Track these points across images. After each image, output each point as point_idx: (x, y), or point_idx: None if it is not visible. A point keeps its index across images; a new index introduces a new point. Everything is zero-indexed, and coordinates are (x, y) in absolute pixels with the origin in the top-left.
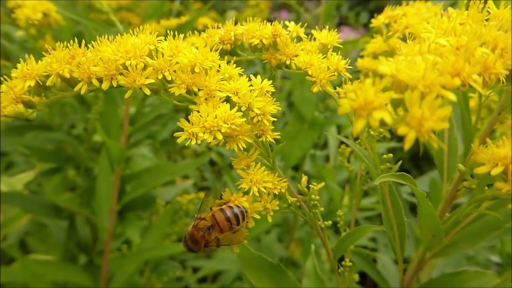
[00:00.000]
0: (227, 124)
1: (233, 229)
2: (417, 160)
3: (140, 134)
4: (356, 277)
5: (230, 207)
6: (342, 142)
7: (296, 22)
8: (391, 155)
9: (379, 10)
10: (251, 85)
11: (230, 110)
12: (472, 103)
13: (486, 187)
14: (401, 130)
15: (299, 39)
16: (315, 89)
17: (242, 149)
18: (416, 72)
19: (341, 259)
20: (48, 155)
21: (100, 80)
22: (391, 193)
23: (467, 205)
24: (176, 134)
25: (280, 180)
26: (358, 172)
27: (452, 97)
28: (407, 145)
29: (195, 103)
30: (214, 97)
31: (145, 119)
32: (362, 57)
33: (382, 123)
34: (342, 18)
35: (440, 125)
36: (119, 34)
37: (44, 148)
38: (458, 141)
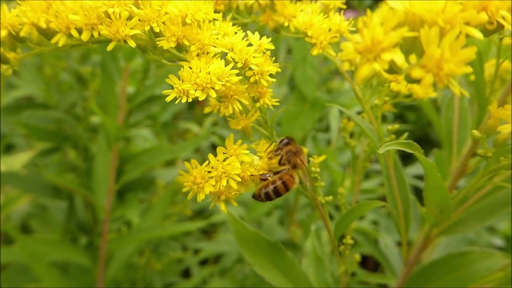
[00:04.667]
0: (222, 81)
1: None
2: (419, 144)
3: (140, 114)
4: (358, 257)
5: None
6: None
7: None
8: (397, 125)
9: None
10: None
11: (225, 67)
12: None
13: (501, 158)
14: (416, 73)
15: None
16: (315, 51)
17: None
18: (435, 5)
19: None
20: (47, 134)
21: (80, 31)
22: (396, 168)
23: (480, 176)
24: (164, 92)
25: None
26: (360, 149)
27: (478, 34)
28: (423, 91)
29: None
30: (207, 53)
31: (143, 96)
32: None
33: (392, 69)
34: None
35: (462, 68)
36: None
37: (42, 126)
38: (469, 113)
